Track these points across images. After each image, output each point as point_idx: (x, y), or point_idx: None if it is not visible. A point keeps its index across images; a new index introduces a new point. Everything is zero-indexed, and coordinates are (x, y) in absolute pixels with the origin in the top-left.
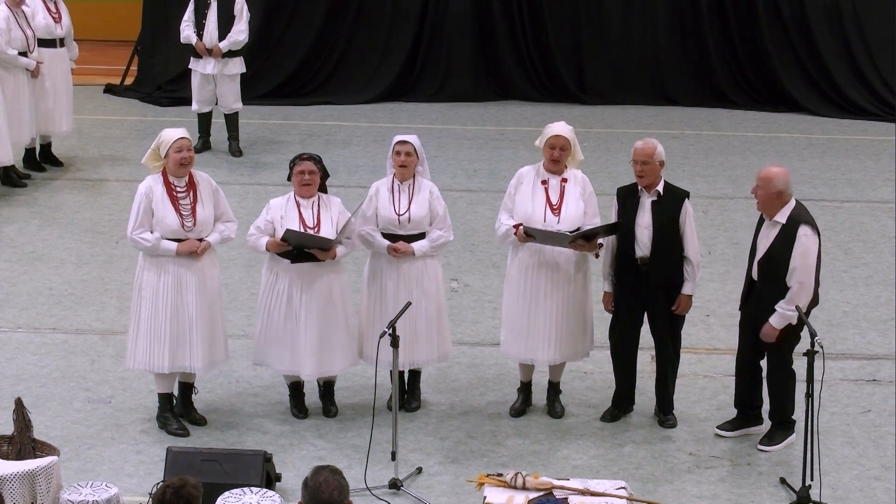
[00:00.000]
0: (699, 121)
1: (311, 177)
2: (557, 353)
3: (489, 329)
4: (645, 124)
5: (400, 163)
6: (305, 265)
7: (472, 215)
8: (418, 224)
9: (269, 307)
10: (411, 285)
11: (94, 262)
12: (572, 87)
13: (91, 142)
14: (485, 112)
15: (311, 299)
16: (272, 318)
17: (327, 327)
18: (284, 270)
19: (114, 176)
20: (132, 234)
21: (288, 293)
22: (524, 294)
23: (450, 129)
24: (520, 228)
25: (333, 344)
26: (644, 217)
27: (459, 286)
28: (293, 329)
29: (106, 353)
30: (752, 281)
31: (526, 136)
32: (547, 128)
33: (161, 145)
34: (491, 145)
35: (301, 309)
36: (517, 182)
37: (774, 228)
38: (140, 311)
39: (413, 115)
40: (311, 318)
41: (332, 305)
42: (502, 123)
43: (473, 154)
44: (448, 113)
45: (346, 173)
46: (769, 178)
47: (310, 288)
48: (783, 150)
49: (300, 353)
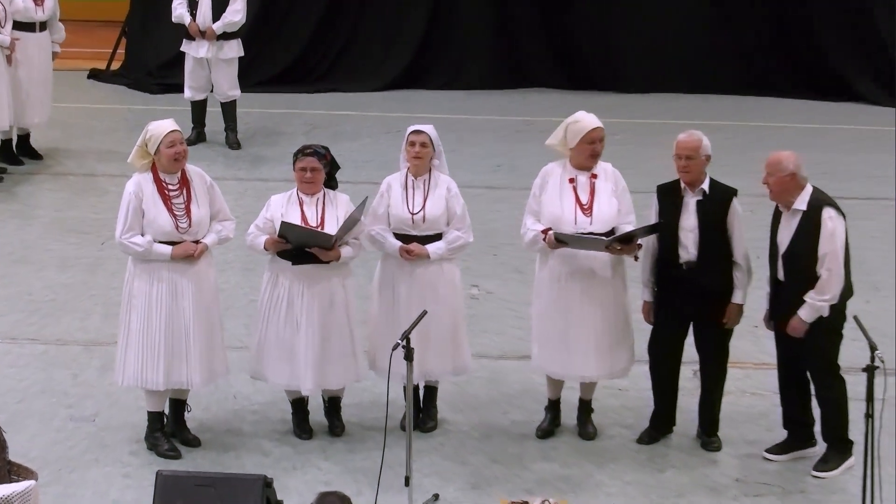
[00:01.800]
0: (744, 110)
1: (313, 174)
2: (599, 368)
3: (513, 340)
4: (683, 114)
5: (414, 154)
6: (308, 267)
7: (494, 214)
8: (434, 224)
9: (267, 313)
10: (426, 292)
11: (78, 265)
12: (602, 73)
13: (74, 133)
14: (506, 101)
15: (311, 304)
16: (270, 326)
17: (329, 336)
18: (285, 273)
19: (100, 170)
20: (121, 239)
21: (288, 298)
22: (557, 304)
23: (468, 119)
24: (549, 234)
25: (335, 355)
26: (688, 218)
27: (480, 293)
28: (292, 338)
29: (90, 365)
30: (779, 282)
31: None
32: (577, 122)
33: (150, 141)
34: (514, 137)
35: (302, 316)
36: (542, 181)
37: (795, 218)
38: (130, 322)
39: (427, 104)
40: (312, 326)
41: (334, 311)
42: (526, 113)
43: (495, 147)
44: (466, 102)
45: (354, 168)
46: (778, 161)
47: (311, 292)
48: (842, 143)
49: (300, 366)
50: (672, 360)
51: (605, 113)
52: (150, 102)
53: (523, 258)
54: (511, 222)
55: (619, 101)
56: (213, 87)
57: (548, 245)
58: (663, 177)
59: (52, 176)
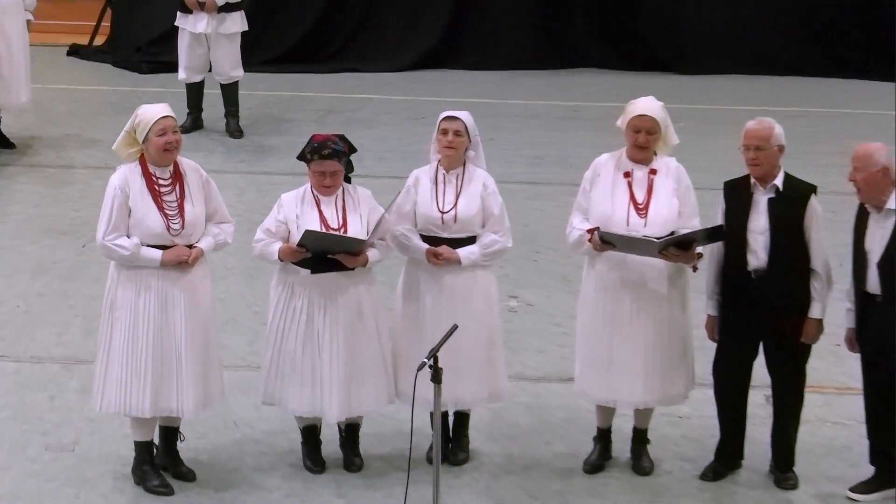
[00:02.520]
0: (825, 94)
1: (333, 179)
2: (648, 394)
3: (556, 360)
4: (757, 99)
5: (447, 143)
6: (329, 276)
7: (536, 215)
8: (467, 225)
9: (282, 331)
10: (457, 303)
11: (56, 270)
12: (664, 52)
13: (52, 118)
14: (552, 83)
15: (335, 319)
16: (286, 345)
17: (357, 353)
18: (301, 284)
19: (80, 161)
20: (104, 241)
21: (307, 312)
22: (604, 317)
23: (507, 104)
24: (595, 233)
25: (365, 375)
26: (758, 219)
27: (518, 305)
28: (314, 358)
29: (69, 386)
30: (868, 296)
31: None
32: (630, 105)
33: (138, 127)
34: (560, 125)
35: (324, 332)
36: (593, 174)
37: (888, 220)
38: (111, 337)
39: (459, 86)
40: (336, 342)
41: (363, 325)
42: (574, 97)
43: (537, 137)
44: (504, 84)
45: (373, 159)
46: (868, 154)
47: (334, 304)
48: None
49: (324, 390)
50: (740, 383)
51: (665, 97)
52: (140, 84)
53: (569, 265)
54: (555, 223)
55: (681, 83)
56: (212, 66)
57: (592, 246)
58: (733, 172)
59: (25, 168)
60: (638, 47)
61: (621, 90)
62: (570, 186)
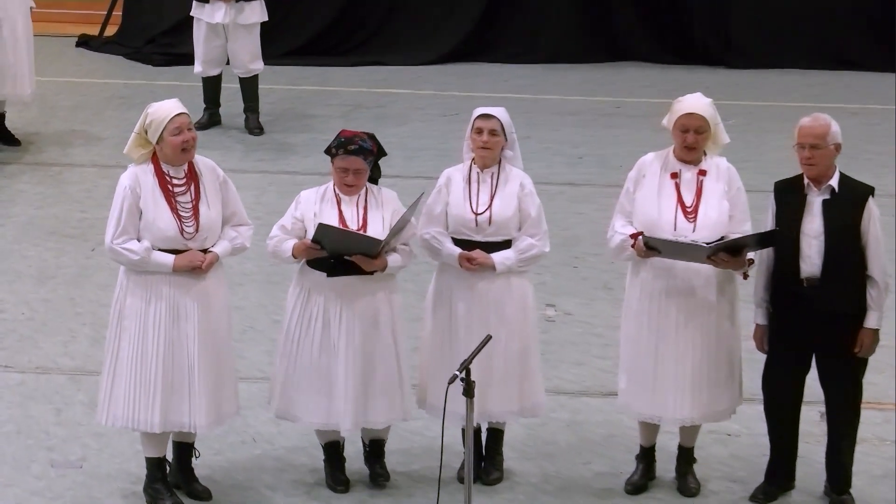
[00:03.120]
0: (885, 91)
1: (355, 177)
2: (695, 410)
3: (597, 373)
4: (812, 95)
5: (482, 143)
6: (346, 280)
7: (576, 218)
8: (502, 227)
9: (296, 338)
10: (490, 311)
11: (61, 275)
12: (713, 44)
13: (58, 113)
14: (593, 77)
15: (352, 326)
16: (301, 353)
17: (372, 364)
18: (318, 287)
19: (88, 159)
20: (113, 244)
21: (323, 318)
22: (649, 328)
23: (545, 99)
24: (638, 238)
25: (378, 387)
26: (812, 222)
27: (557, 314)
28: (329, 367)
29: (76, 399)
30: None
31: (649, 109)
32: (677, 102)
33: (150, 127)
34: (601, 122)
35: (340, 339)
36: (638, 175)
37: None
38: (119, 348)
39: (495, 81)
40: (352, 350)
41: (378, 334)
42: (617, 93)
43: (578, 134)
44: (543, 78)
45: (403, 158)
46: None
47: (350, 310)
48: None
49: (339, 400)
50: (792, 398)
51: (714, 93)
52: (152, 77)
53: (611, 271)
54: (596, 227)
55: (731, 78)
56: (230, 59)
57: (636, 252)
58: (786, 172)
59: (28, 166)
60: (685, 40)
61: (667, 85)
62: (612, 188)
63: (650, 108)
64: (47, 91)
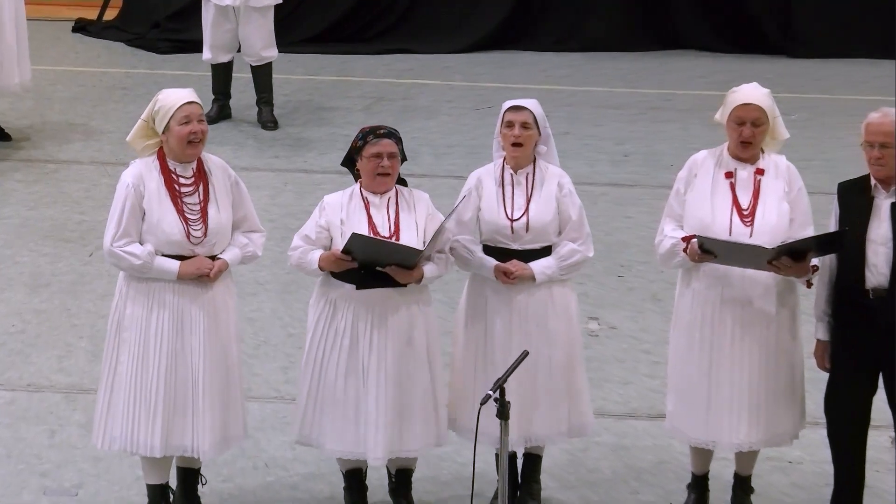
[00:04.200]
0: None
1: (391, 162)
2: (753, 434)
3: (645, 393)
4: (882, 87)
5: (513, 139)
6: (377, 293)
7: (621, 222)
8: (541, 234)
9: (322, 356)
10: (529, 326)
11: (57, 283)
12: (772, 31)
13: (54, 105)
14: (641, 67)
15: (384, 344)
16: (326, 373)
17: (406, 385)
18: (346, 300)
19: (86, 156)
20: (113, 246)
21: (351, 335)
22: (701, 342)
23: (587, 91)
24: (692, 242)
25: (414, 411)
26: (880, 227)
27: (601, 328)
28: (357, 389)
29: (72, 420)
30: None
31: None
32: (732, 93)
33: (157, 115)
34: (649, 117)
35: (370, 358)
36: (689, 175)
37: None
38: (117, 362)
39: (531, 71)
40: (384, 371)
41: (413, 352)
42: (666, 84)
43: (623, 130)
44: (584, 68)
45: (431, 157)
46: None
47: (383, 326)
48: None
49: (369, 427)
50: (858, 421)
51: (774, 84)
52: (157, 65)
53: (661, 280)
54: (644, 232)
55: (792, 68)
56: (242, 45)
57: (689, 257)
58: (852, 172)
59: (21, 163)
60: (742, 26)
61: (722, 76)
62: (661, 189)
63: (703, 101)
64: (42, 81)
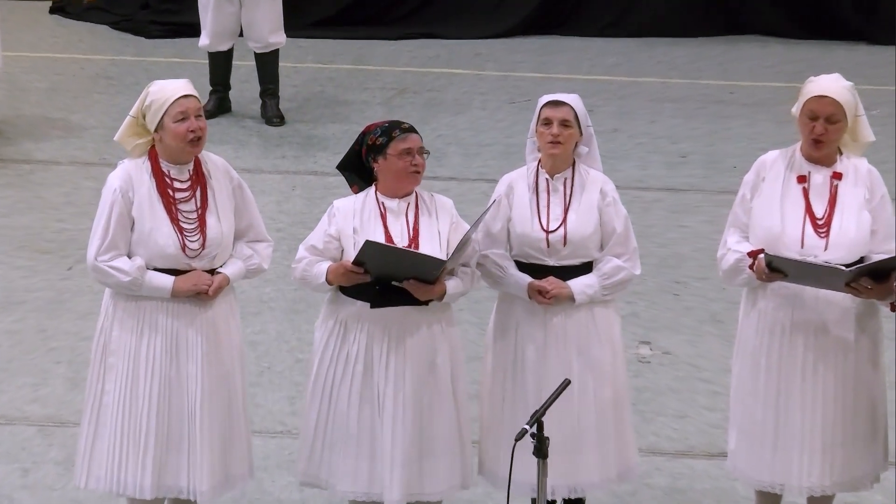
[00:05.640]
0: None
1: (422, 158)
2: (826, 476)
3: (703, 429)
4: None
5: (550, 138)
6: (394, 311)
7: (678, 232)
8: (580, 248)
9: (330, 384)
10: (569, 352)
11: (33, 300)
12: (853, 15)
13: (29, 97)
14: (702, 55)
15: (401, 369)
16: (337, 404)
17: (427, 417)
18: (358, 320)
19: (67, 155)
20: (98, 261)
21: (365, 360)
22: (768, 371)
23: (640, 83)
24: (759, 258)
25: (437, 447)
26: None
27: (653, 354)
28: (372, 421)
29: (47, 457)
30: None
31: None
32: (808, 83)
33: (148, 110)
34: (711, 112)
35: (387, 387)
36: (756, 178)
37: None
38: (103, 392)
39: (575, 60)
40: (402, 401)
41: (436, 380)
42: (730, 75)
43: (680, 127)
44: (638, 56)
45: (461, 157)
46: None
47: (401, 350)
48: None
49: (385, 464)
50: None
51: (853, 74)
52: (147, 52)
53: (722, 299)
54: (703, 243)
55: (876, 57)
56: (245, 30)
57: (755, 275)
58: None
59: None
60: (818, 9)
61: (794, 66)
62: (723, 195)
63: (772, 94)
64: (15, 69)
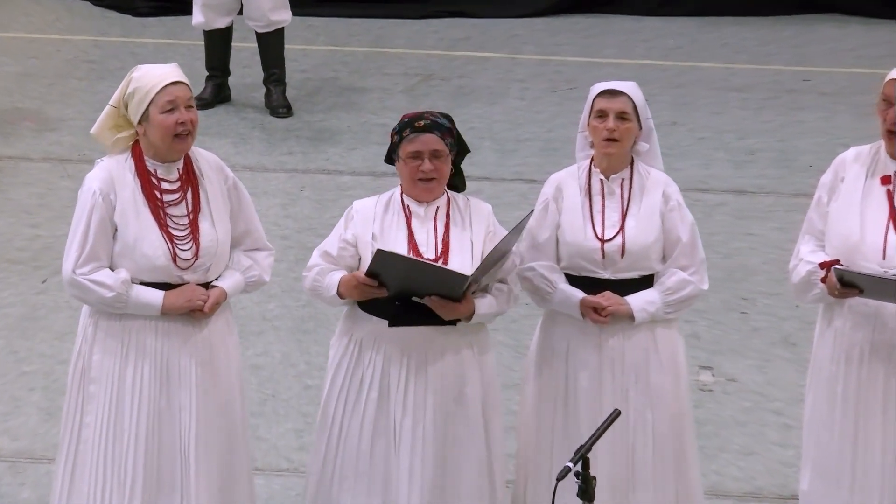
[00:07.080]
0: None
1: (434, 164)
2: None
3: (774, 466)
4: None
5: (606, 133)
6: (416, 332)
7: (745, 241)
8: (640, 259)
9: (341, 413)
10: (626, 379)
11: (2, 318)
12: None
13: (2, 83)
14: (772, 37)
15: (423, 399)
16: (348, 436)
17: (452, 453)
18: (374, 340)
19: (40, 150)
20: (76, 274)
21: (380, 386)
22: (844, 401)
23: (702, 69)
24: (831, 271)
25: (462, 487)
26: None
27: (716, 381)
28: (388, 456)
29: (19, 497)
30: None
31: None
32: (893, 71)
33: (131, 99)
34: (784, 102)
35: (404, 416)
36: (834, 180)
37: None
38: (82, 424)
39: (628, 42)
40: (422, 436)
41: (465, 413)
42: (807, 59)
43: (748, 120)
44: (698, 37)
45: (495, 154)
46: None
47: (422, 376)
48: None
49: (401, 500)
50: None
51: None
52: (133, 32)
53: (795, 318)
54: (774, 254)
55: None
56: (244, 6)
57: (827, 290)
58: None
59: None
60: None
61: (879, 49)
62: (797, 198)
63: (852, 82)
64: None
